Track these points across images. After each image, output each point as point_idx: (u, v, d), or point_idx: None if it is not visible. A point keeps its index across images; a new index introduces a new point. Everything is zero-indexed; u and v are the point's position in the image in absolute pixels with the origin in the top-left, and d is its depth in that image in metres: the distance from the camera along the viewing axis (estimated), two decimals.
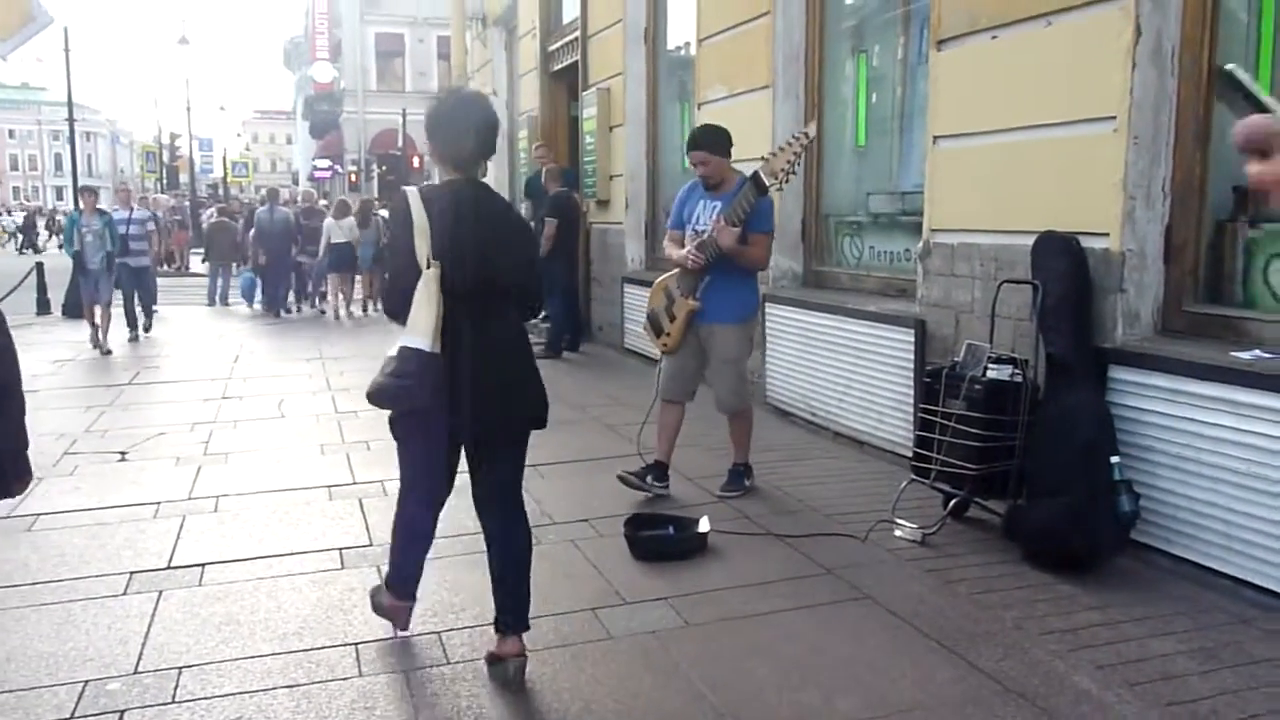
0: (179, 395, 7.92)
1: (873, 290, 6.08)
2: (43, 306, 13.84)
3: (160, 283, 12.88)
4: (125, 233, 10.93)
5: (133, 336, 11.16)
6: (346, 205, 15.06)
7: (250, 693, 2.96)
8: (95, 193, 10.96)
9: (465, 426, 3.01)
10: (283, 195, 16.08)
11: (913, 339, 5.22)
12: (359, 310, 14.53)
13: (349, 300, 14.35)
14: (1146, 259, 4.05)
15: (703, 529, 4.23)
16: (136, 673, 3.08)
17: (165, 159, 38.68)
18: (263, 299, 14.60)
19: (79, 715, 2.83)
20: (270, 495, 4.99)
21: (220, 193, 39.05)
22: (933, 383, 4.41)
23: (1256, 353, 3.59)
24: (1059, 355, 4.10)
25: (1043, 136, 4.37)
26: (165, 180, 37.82)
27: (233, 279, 16.40)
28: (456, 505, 3.30)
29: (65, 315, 12.92)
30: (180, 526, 4.50)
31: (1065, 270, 4.12)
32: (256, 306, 14.85)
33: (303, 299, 15.20)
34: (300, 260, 14.69)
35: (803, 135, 4.64)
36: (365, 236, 14.14)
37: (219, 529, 4.49)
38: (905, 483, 4.51)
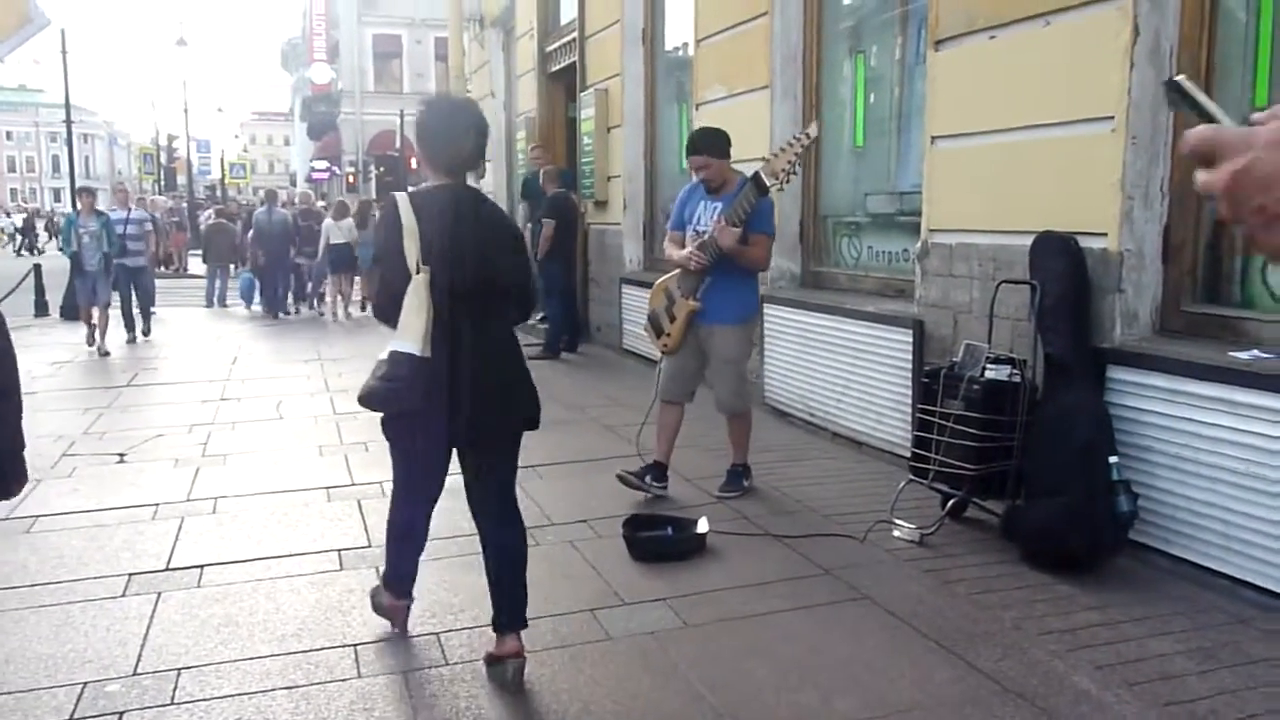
0: (177, 397, 7.91)
1: (871, 291, 6.08)
2: (40, 308, 13.83)
3: (158, 284, 12.85)
4: (123, 233, 10.90)
5: (130, 338, 11.14)
6: (345, 206, 15.07)
7: (249, 694, 2.96)
8: (93, 193, 10.95)
9: (463, 429, 3.02)
10: (281, 197, 16.07)
11: (911, 339, 5.22)
12: (357, 311, 14.53)
13: (347, 301, 14.35)
14: (1145, 259, 4.05)
15: (701, 530, 4.23)
16: (135, 674, 3.08)
17: (163, 161, 38.64)
18: (261, 300, 14.60)
19: (78, 717, 2.82)
20: (269, 497, 4.99)
21: (218, 194, 39.06)
22: (931, 383, 4.42)
23: (1255, 353, 3.59)
24: (1057, 355, 4.10)
25: (1041, 136, 4.37)
26: (163, 182, 37.79)
27: (231, 280, 16.40)
28: (454, 507, 3.31)
29: (63, 317, 12.91)
30: (179, 528, 4.50)
31: (1063, 270, 4.13)
32: (255, 308, 14.85)
33: (301, 300, 15.20)
34: (298, 262, 14.71)
35: (804, 136, 4.65)
36: (364, 237, 14.12)
37: (217, 530, 4.49)
38: (903, 483, 4.51)
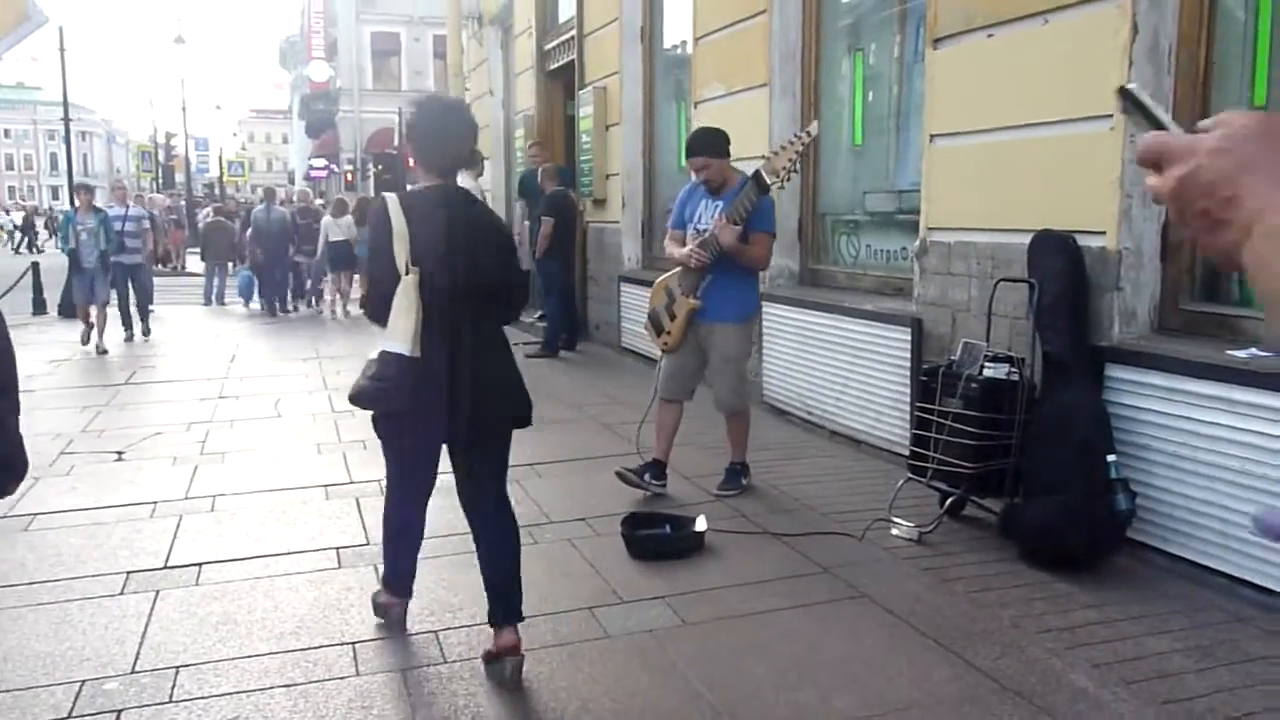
0: (175, 395, 7.91)
1: (869, 289, 6.08)
2: (39, 306, 13.81)
3: (156, 282, 12.84)
4: (121, 230, 10.87)
5: (128, 336, 11.12)
6: (344, 204, 15.06)
7: (247, 692, 2.96)
8: (91, 190, 10.92)
9: (453, 428, 3.05)
10: (279, 195, 16.07)
11: (909, 337, 5.22)
12: (356, 309, 14.51)
13: (346, 299, 14.34)
14: (1143, 257, 4.05)
15: (700, 528, 4.23)
16: (134, 672, 3.08)
17: (161, 158, 38.59)
18: (260, 298, 14.59)
19: (76, 715, 2.82)
20: (267, 495, 4.98)
21: (216, 192, 39.02)
22: (929, 381, 4.42)
23: (1253, 351, 3.59)
24: (1055, 354, 4.11)
25: (1039, 135, 4.37)
26: (161, 180, 37.74)
27: (229, 278, 16.38)
28: (453, 506, 3.30)
29: (61, 315, 12.90)
30: (177, 526, 4.50)
31: (1062, 269, 4.13)
32: (253, 306, 14.84)
33: (299, 298, 15.19)
34: (297, 260, 14.71)
35: (804, 134, 4.65)
36: (363, 235, 14.11)
37: (216, 528, 4.49)
38: (902, 481, 4.52)
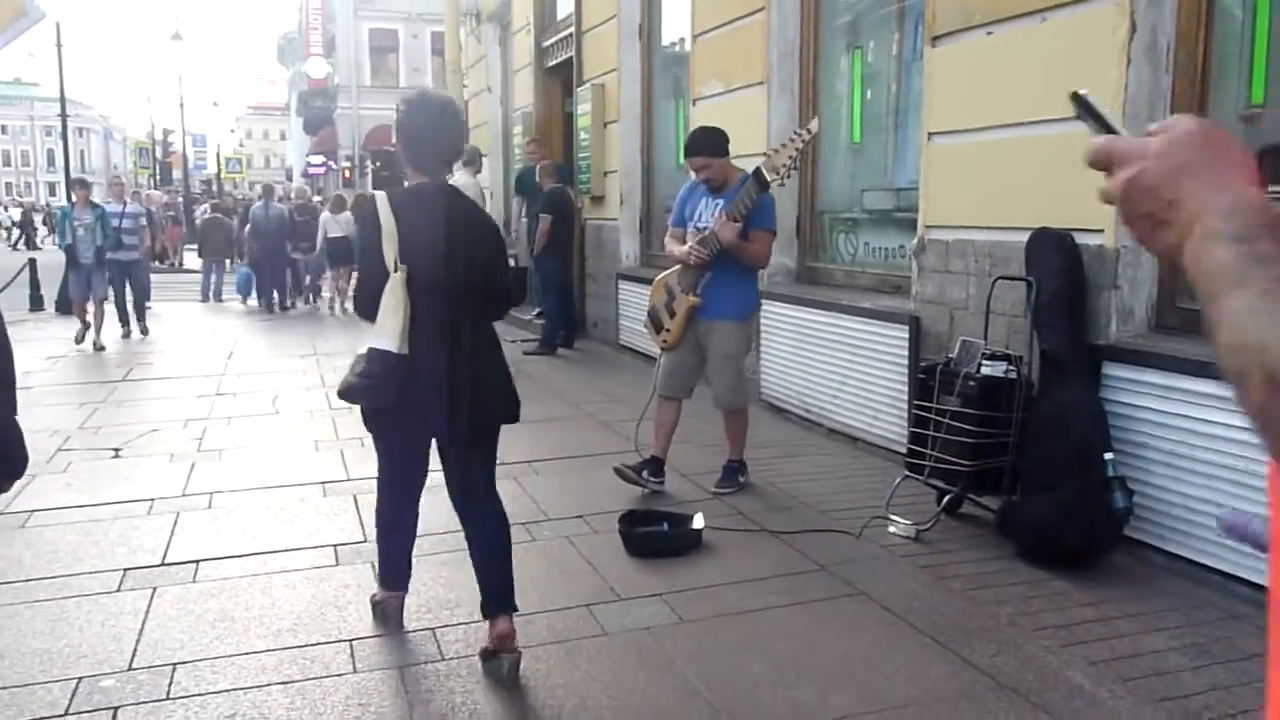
0: (172, 392, 7.90)
1: (867, 287, 6.08)
2: (36, 303, 13.80)
3: (154, 279, 12.83)
4: (118, 227, 10.85)
5: (125, 333, 11.11)
6: (343, 200, 15.06)
7: (245, 689, 2.96)
8: (88, 186, 10.90)
9: (442, 424, 3.08)
10: (277, 192, 16.05)
11: (907, 335, 5.23)
12: (354, 305, 14.47)
13: (344, 296, 14.32)
14: (1140, 255, 4.05)
15: (697, 525, 4.23)
16: (130, 669, 3.08)
17: (158, 155, 38.55)
18: (257, 295, 14.58)
19: (73, 712, 2.82)
20: (264, 492, 4.98)
21: (214, 189, 38.95)
22: (927, 379, 4.42)
23: None
24: (1053, 352, 4.11)
25: (1037, 133, 4.37)
26: (158, 176, 37.68)
27: (227, 275, 16.36)
28: (449, 502, 3.30)
29: (58, 311, 12.88)
30: (174, 523, 4.49)
31: (1059, 267, 4.13)
32: (251, 302, 14.82)
33: (297, 295, 15.18)
34: (294, 257, 14.69)
35: (805, 131, 4.65)
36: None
37: (213, 525, 4.49)
38: (899, 479, 4.52)
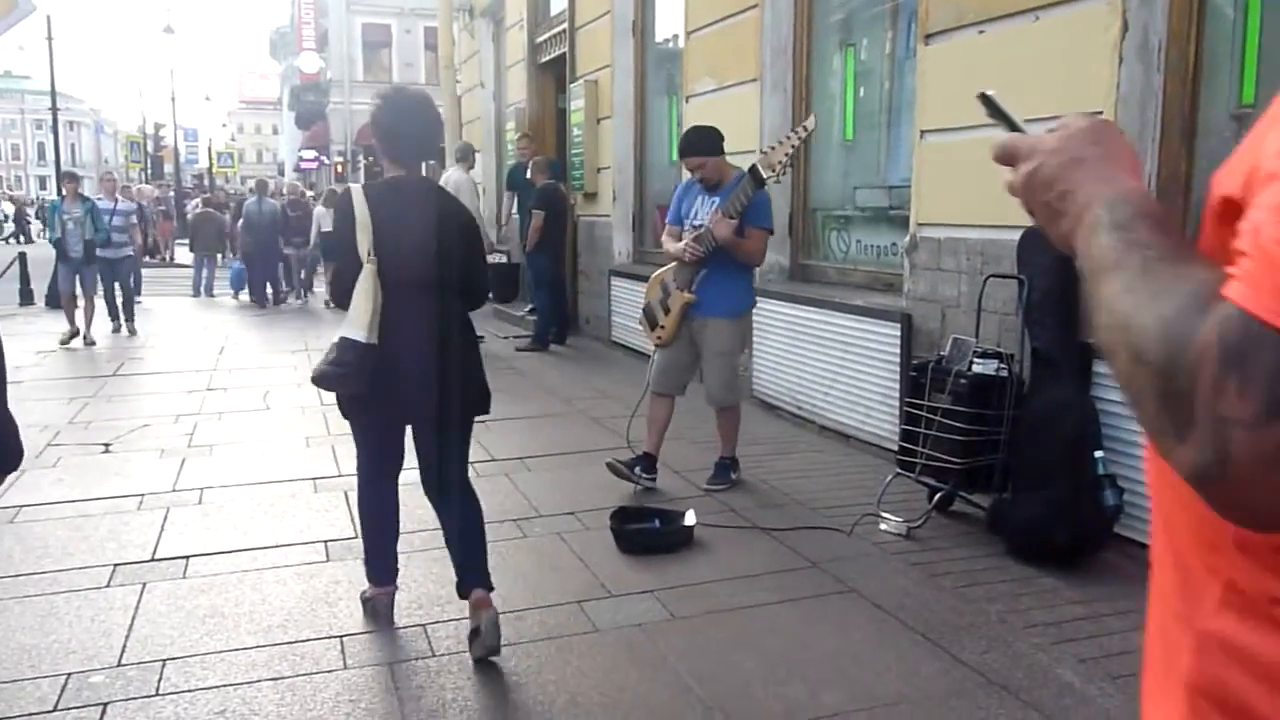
0: (163, 387, 7.87)
1: (859, 284, 6.09)
2: (25, 297, 13.73)
3: (145, 274, 12.79)
4: (109, 223, 10.80)
5: (115, 328, 11.06)
6: (336, 195, 15.02)
7: (234, 685, 2.95)
8: (77, 179, 10.85)
9: (412, 413, 3.18)
10: (269, 187, 15.99)
11: (899, 333, 5.23)
12: (328, 294, 14.42)
13: None
14: None
15: (689, 522, 4.23)
16: (120, 665, 3.07)
17: (150, 149, 38.40)
18: (249, 290, 14.53)
19: (61, 708, 2.81)
20: (255, 487, 4.97)
21: (205, 183, 38.82)
22: (918, 377, 4.43)
23: None
24: (1044, 350, 4.12)
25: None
26: (150, 170, 37.54)
27: (219, 270, 16.30)
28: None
29: (48, 306, 12.82)
30: (164, 519, 4.48)
31: (1050, 265, 4.13)
32: (243, 297, 14.78)
33: (289, 290, 15.13)
34: (287, 251, 14.66)
35: (801, 128, 4.65)
36: None
37: (203, 521, 4.47)
38: (891, 476, 4.53)
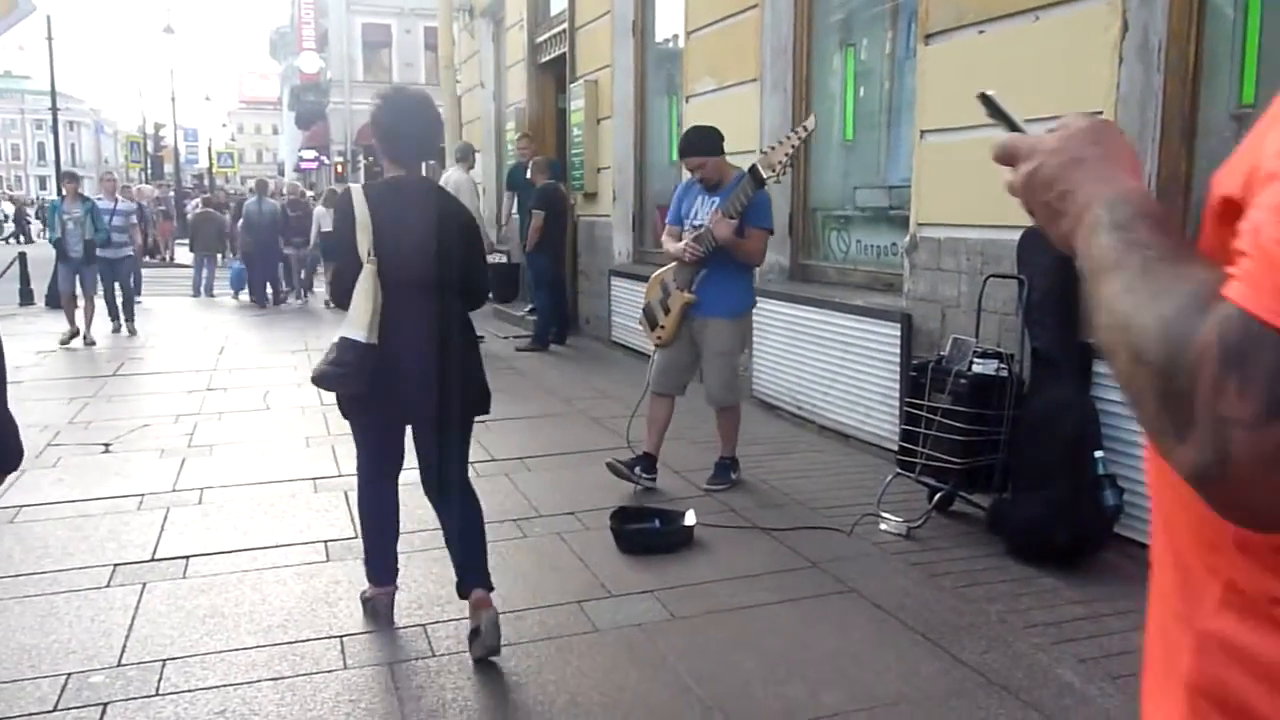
0: (163, 387, 7.87)
1: (859, 284, 6.09)
2: (25, 297, 13.73)
3: (145, 274, 12.78)
4: (109, 224, 10.79)
5: (115, 328, 11.06)
6: (336, 195, 15.02)
7: (234, 685, 2.95)
8: (77, 179, 10.84)
9: (411, 413, 3.19)
10: (269, 187, 15.99)
11: (899, 333, 5.23)
12: (329, 294, 14.40)
13: None
14: None
15: (689, 522, 4.23)
16: (120, 665, 3.07)
17: (150, 149, 38.40)
18: (249, 290, 14.53)
19: (62, 708, 2.81)
20: (255, 487, 4.97)
21: (205, 183, 38.82)
22: (918, 377, 4.43)
23: None
24: (1044, 350, 4.12)
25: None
26: (150, 170, 37.54)
27: (219, 269, 16.30)
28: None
29: (48, 306, 12.81)
30: (164, 519, 4.48)
31: (1050, 265, 4.13)
32: (243, 297, 14.78)
33: (289, 290, 15.13)
34: (287, 251, 14.66)
35: (801, 128, 4.65)
36: None
37: (203, 521, 4.47)
38: (890, 476, 4.53)
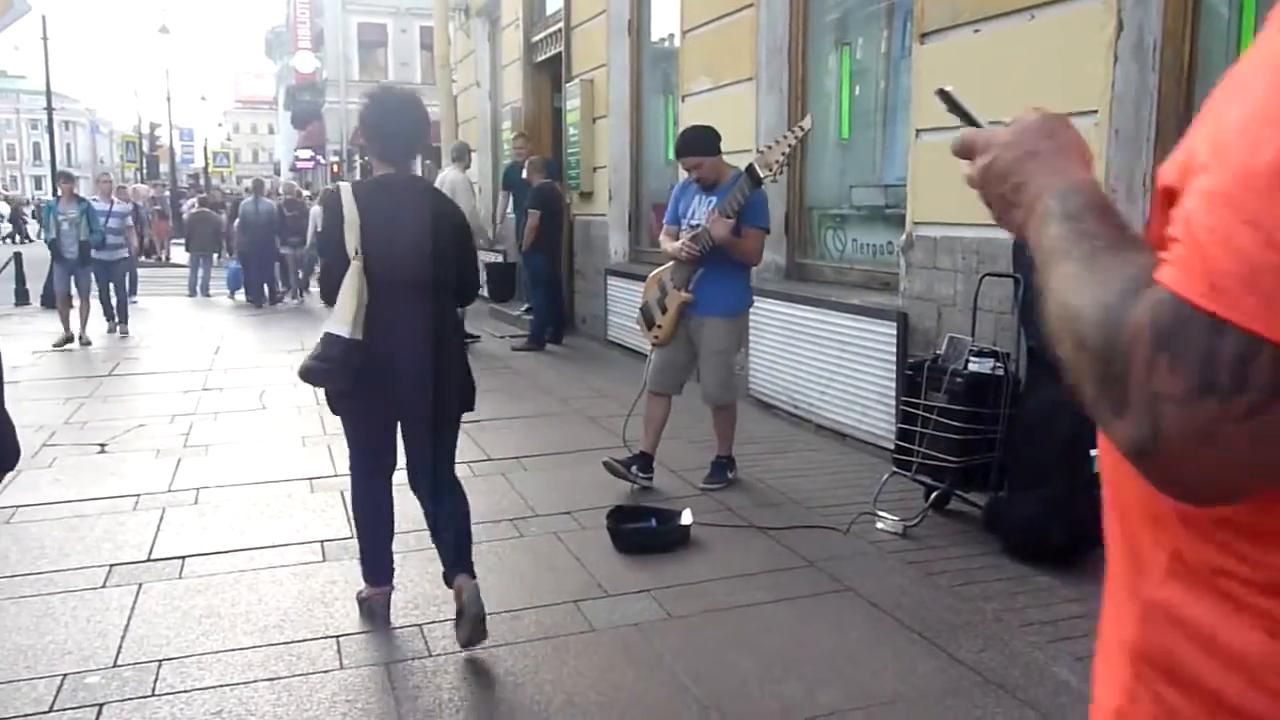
0: (159, 387, 7.86)
1: (856, 283, 6.09)
2: (21, 297, 13.70)
3: (141, 273, 12.76)
4: (105, 225, 10.77)
5: (110, 328, 11.04)
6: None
7: (230, 685, 2.95)
8: (73, 179, 10.80)
9: (398, 409, 3.23)
10: (266, 187, 15.96)
11: (895, 332, 5.24)
12: (319, 291, 14.38)
13: None
14: None
15: (685, 521, 4.23)
16: (116, 666, 3.06)
17: (145, 149, 38.34)
18: (245, 290, 14.51)
19: (57, 708, 2.81)
20: (251, 487, 4.96)
21: (201, 183, 38.79)
22: (915, 375, 4.43)
23: None
24: (1040, 348, 4.12)
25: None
26: (145, 170, 37.50)
27: (214, 269, 16.28)
28: None
29: (44, 306, 12.78)
30: (160, 519, 4.48)
31: None
32: (239, 297, 14.76)
33: (285, 290, 15.12)
34: (283, 251, 14.65)
35: (798, 128, 4.65)
36: None
37: (199, 521, 4.47)
38: (887, 475, 4.53)
